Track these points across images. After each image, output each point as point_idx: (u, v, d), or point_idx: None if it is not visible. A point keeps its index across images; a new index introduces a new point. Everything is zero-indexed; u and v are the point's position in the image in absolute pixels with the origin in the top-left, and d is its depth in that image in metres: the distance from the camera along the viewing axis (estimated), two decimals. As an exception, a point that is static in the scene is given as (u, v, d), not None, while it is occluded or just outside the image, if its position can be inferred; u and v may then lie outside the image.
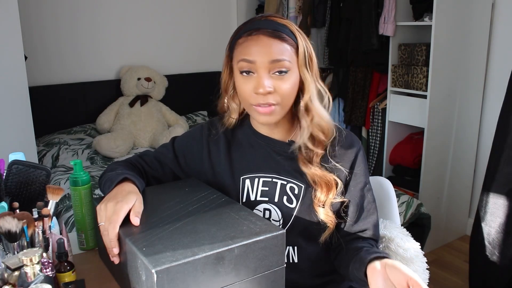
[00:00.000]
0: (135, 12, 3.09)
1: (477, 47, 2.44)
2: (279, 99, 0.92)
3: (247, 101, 0.94)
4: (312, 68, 0.95)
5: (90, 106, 2.96)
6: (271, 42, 0.90)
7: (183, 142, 1.08)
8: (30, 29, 2.66)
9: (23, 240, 0.80)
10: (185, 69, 3.37)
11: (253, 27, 0.92)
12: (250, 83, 0.91)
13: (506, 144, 1.66)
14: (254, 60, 0.89)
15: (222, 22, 3.51)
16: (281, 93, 0.91)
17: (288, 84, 0.91)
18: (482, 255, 1.77)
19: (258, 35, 0.90)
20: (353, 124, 2.87)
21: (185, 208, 0.86)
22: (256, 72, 0.91)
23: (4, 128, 2.02)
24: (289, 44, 0.91)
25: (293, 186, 0.98)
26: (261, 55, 0.89)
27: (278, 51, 0.89)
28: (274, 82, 0.90)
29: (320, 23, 2.90)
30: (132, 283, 0.75)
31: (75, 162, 0.99)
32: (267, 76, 0.90)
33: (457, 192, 2.61)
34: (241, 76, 0.93)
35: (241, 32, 0.94)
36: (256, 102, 0.92)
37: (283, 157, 0.99)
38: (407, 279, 0.75)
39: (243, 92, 0.93)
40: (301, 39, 0.93)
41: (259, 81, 0.90)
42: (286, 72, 0.91)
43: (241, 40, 0.93)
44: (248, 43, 0.91)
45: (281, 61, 0.89)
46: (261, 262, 0.75)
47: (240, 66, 0.92)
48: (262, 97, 0.91)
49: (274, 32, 0.90)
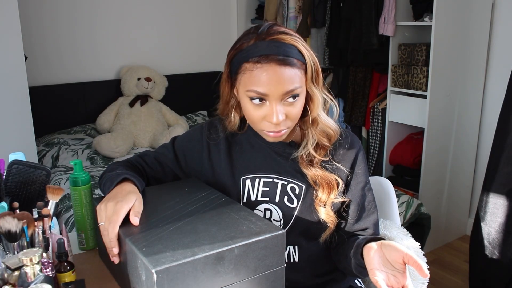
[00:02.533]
0: (135, 12, 3.09)
1: (477, 47, 2.44)
2: (290, 124, 0.92)
3: (256, 126, 0.93)
4: (319, 81, 0.94)
5: (90, 106, 2.96)
6: (282, 72, 0.85)
7: (183, 142, 1.08)
8: (30, 29, 2.66)
9: (23, 240, 0.80)
10: (185, 69, 3.37)
11: (261, 53, 0.86)
12: (261, 111, 0.89)
13: (506, 144, 1.66)
14: (266, 93, 0.87)
15: (222, 22, 3.51)
16: (292, 117, 0.91)
17: (299, 107, 0.91)
18: (482, 255, 1.77)
19: (268, 63, 0.85)
20: (353, 124, 2.87)
21: (185, 208, 0.86)
22: (268, 101, 0.88)
23: (4, 128, 2.02)
24: (298, 68, 0.88)
25: (293, 186, 0.98)
26: (274, 87, 0.86)
27: (290, 80, 0.86)
28: (286, 109, 0.89)
29: (320, 23, 2.90)
30: (132, 283, 0.75)
31: (75, 162, 0.99)
32: (280, 105, 0.88)
33: (457, 192, 2.61)
34: (251, 104, 0.90)
35: (245, 53, 0.88)
36: (268, 129, 0.91)
37: (284, 157, 0.99)
38: (403, 256, 0.77)
39: (252, 118, 0.92)
40: (308, 56, 0.89)
41: (272, 112, 0.88)
42: (298, 95, 0.89)
43: (248, 65, 0.87)
44: (257, 72, 0.86)
45: (294, 90, 0.87)
46: (261, 262, 0.75)
47: (250, 95, 0.88)
48: (274, 126, 0.90)
49: (285, 59, 0.86)
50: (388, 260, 0.80)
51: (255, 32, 0.90)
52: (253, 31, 0.90)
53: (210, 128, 1.05)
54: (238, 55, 0.90)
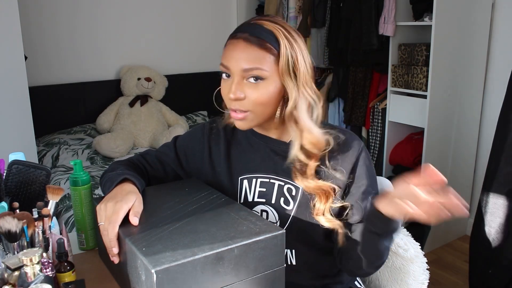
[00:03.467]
0: (135, 12, 3.09)
1: (477, 47, 2.44)
2: (249, 107, 0.89)
3: (228, 106, 0.94)
4: (298, 76, 0.89)
5: (90, 106, 2.96)
6: (248, 48, 0.87)
7: (184, 141, 1.08)
8: (30, 29, 2.66)
9: (23, 240, 0.80)
10: (185, 69, 3.37)
11: (238, 30, 0.91)
12: (227, 85, 0.91)
13: (506, 144, 1.67)
14: (228, 66, 0.89)
15: (222, 22, 3.51)
16: (252, 100, 0.88)
17: (262, 92, 0.88)
18: (482, 255, 1.77)
19: (238, 39, 0.88)
20: (353, 124, 2.87)
21: (185, 208, 0.86)
22: (231, 76, 0.90)
23: (4, 128, 2.02)
24: (269, 52, 0.87)
25: (290, 187, 0.97)
26: (235, 61, 0.88)
27: (253, 59, 0.86)
28: (247, 89, 0.88)
29: (320, 23, 2.90)
30: (132, 283, 0.75)
31: (75, 162, 0.99)
32: (239, 82, 0.88)
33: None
34: (222, 79, 0.93)
35: (232, 33, 0.92)
36: (230, 106, 0.92)
37: (282, 156, 0.97)
38: (409, 185, 0.79)
39: (223, 95, 0.93)
40: (286, 47, 0.87)
41: (231, 86, 0.89)
42: (262, 79, 0.87)
43: (227, 43, 0.92)
44: (228, 47, 0.90)
45: (254, 69, 0.86)
46: (260, 262, 0.75)
47: (221, 69, 0.91)
48: (232, 103, 0.90)
49: (254, 38, 0.87)
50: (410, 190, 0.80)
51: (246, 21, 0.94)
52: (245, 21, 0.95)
53: (211, 127, 1.05)
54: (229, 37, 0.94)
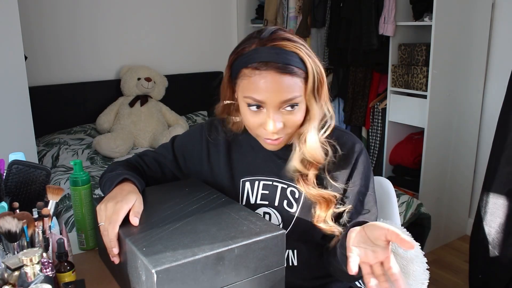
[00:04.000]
0: (135, 12, 3.09)
1: (477, 47, 2.44)
2: (289, 131, 0.90)
3: (253, 132, 0.92)
4: (321, 93, 0.90)
5: (90, 106, 2.95)
6: (281, 80, 0.83)
7: (182, 142, 1.07)
8: (30, 29, 2.66)
9: (23, 240, 0.80)
10: (185, 69, 3.37)
11: (260, 59, 0.83)
12: (258, 118, 0.88)
13: (506, 144, 1.66)
14: (264, 100, 0.85)
15: (222, 22, 3.51)
16: (291, 126, 0.89)
17: (298, 116, 0.88)
18: (482, 255, 1.77)
19: (267, 70, 0.83)
20: (353, 124, 2.87)
21: (185, 208, 0.86)
22: (265, 108, 0.86)
23: (4, 128, 2.02)
24: (299, 77, 0.85)
25: (293, 190, 0.96)
26: (271, 95, 0.84)
27: (288, 89, 0.84)
28: (284, 117, 0.87)
29: (320, 23, 2.90)
30: (132, 283, 0.75)
31: (75, 162, 0.99)
32: (277, 114, 0.86)
33: (457, 192, 2.61)
34: (249, 110, 0.88)
35: (245, 58, 0.86)
36: (265, 136, 0.90)
37: (284, 160, 0.97)
38: (385, 233, 0.70)
39: (250, 124, 0.90)
40: (311, 64, 0.86)
41: (269, 120, 0.86)
42: (297, 104, 0.87)
43: (247, 71, 0.85)
44: (255, 79, 0.84)
45: (292, 99, 0.85)
46: (261, 262, 0.75)
47: (247, 101, 0.87)
48: (271, 134, 0.88)
49: (284, 67, 0.83)
50: (370, 239, 0.73)
51: (257, 36, 0.87)
52: (255, 36, 0.88)
53: (210, 128, 1.04)
54: (238, 59, 0.88)
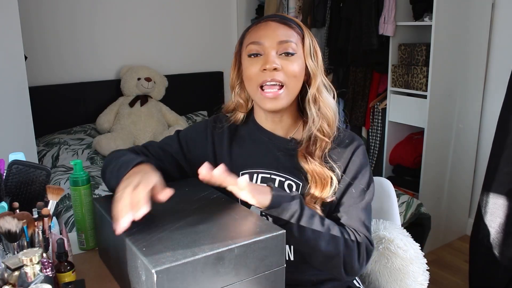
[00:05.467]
0: (135, 12, 3.09)
1: (477, 47, 2.44)
2: (285, 79, 0.94)
3: (254, 82, 0.96)
4: (318, 60, 0.99)
5: (90, 106, 2.95)
6: (278, 27, 0.95)
7: (188, 133, 1.09)
8: (30, 29, 2.66)
9: (23, 240, 0.80)
10: (185, 69, 3.36)
11: (264, 18, 0.99)
12: (257, 63, 0.95)
13: (506, 144, 1.66)
14: (262, 42, 0.94)
15: (222, 22, 3.51)
16: (288, 72, 0.94)
17: (295, 65, 0.94)
18: (482, 255, 1.77)
19: (266, 21, 0.97)
20: (353, 124, 2.87)
21: (185, 208, 0.86)
22: (264, 53, 0.95)
23: (4, 128, 2.02)
24: (295, 32, 0.96)
25: (291, 184, 0.98)
26: (269, 36, 0.94)
27: (285, 34, 0.95)
28: (281, 61, 0.94)
29: (320, 23, 2.90)
30: (132, 283, 0.75)
31: (75, 162, 0.99)
32: (275, 55, 0.94)
33: (457, 192, 2.61)
34: (249, 59, 0.96)
35: (251, 26, 0.99)
36: (263, 79, 0.94)
37: (283, 153, 1.00)
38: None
39: (250, 73, 0.96)
40: (307, 33, 0.98)
41: (267, 58, 0.93)
42: (293, 54, 0.95)
43: (250, 29, 0.99)
44: (257, 28, 0.97)
45: (288, 42, 0.94)
46: (261, 262, 0.75)
47: (249, 50, 0.96)
48: (269, 74, 0.93)
49: (282, 19, 0.97)
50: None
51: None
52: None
53: (215, 122, 1.07)
54: (245, 31, 1.01)
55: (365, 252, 0.94)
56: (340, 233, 0.91)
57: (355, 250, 0.92)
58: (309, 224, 0.87)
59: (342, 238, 0.91)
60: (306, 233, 0.87)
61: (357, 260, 0.93)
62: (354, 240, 0.93)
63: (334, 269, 0.93)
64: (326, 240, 0.88)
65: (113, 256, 0.86)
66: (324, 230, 0.88)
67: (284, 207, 0.85)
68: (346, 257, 0.91)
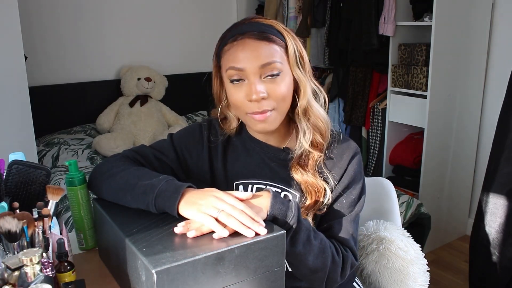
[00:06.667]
0: (135, 12, 3.09)
1: (477, 47, 2.44)
2: (274, 104, 0.87)
3: (241, 110, 0.90)
4: (305, 67, 0.91)
5: (90, 106, 2.95)
6: (258, 45, 0.85)
7: (183, 141, 1.03)
8: (30, 28, 2.66)
9: (23, 240, 0.80)
10: (185, 69, 3.36)
11: (237, 32, 0.87)
12: (241, 91, 0.87)
13: (506, 144, 1.66)
14: (243, 67, 0.85)
15: (222, 22, 3.51)
16: (276, 97, 0.87)
17: (282, 86, 0.87)
18: (482, 255, 1.77)
19: (243, 39, 0.86)
20: (353, 124, 2.86)
21: (185, 208, 0.86)
22: (246, 78, 0.86)
23: (4, 128, 2.02)
24: (277, 44, 0.87)
25: (287, 194, 0.95)
26: (250, 60, 0.85)
27: (267, 54, 0.85)
28: (267, 86, 0.86)
29: (320, 23, 2.90)
30: (132, 283, 0.75)
31: (69, 162, 0.97)
32: (258, 81, 0.86)
33: (457, 192, 2.61)
34: (231, 85, 0.88)
35: (226, 39, 0.89)
36: (251, 111, 0.87)
37: (277, 164, 0.96)
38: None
39: (235, 101, 0.89)
40: (290, 38, 0.89)
41: (251, 87, 0.85)
42: (278, 74, 0.86)
43: (227, 47, 0.88)
44: (234, 49, 0.86)
45: (271, 63, 0.85)
46: (261, 262, 0.75)
47: (229, 75, 0.87)
48: (256, 105, 0.86)
49: (260, 34, 0.86)
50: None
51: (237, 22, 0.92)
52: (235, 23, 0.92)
53: (209, 129, 1.03)
54: (221, 44, 0.91)
55: (349, 268, 0.93)
56: (329, 249, 0.89)
57: (340, 266, 0.91)
58: (302, 240, 0.84)
59: (331, 254, 0.89)
60: (297, 247, 0.84)
61: (340, 275, 0.91)
62: (341, 256, 0.91)
63: (316, 282, 0.91)
64: (315, 255, 0.86)
65: (113, 256, 0.86)
66: (315, 246, 0.86)
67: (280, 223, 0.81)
68: (331, 272, 0.90)
